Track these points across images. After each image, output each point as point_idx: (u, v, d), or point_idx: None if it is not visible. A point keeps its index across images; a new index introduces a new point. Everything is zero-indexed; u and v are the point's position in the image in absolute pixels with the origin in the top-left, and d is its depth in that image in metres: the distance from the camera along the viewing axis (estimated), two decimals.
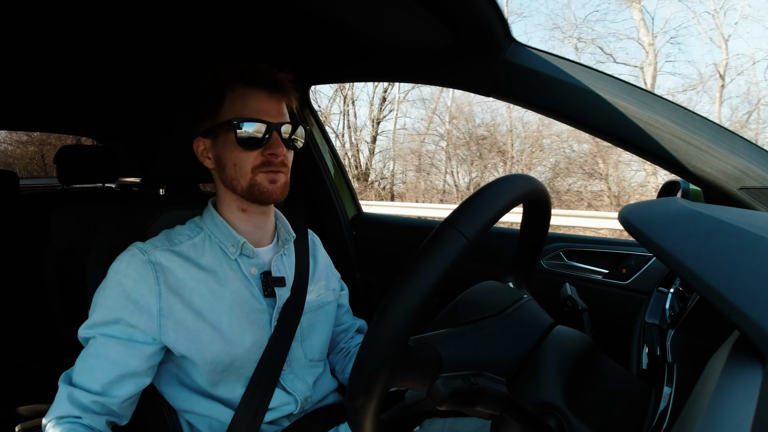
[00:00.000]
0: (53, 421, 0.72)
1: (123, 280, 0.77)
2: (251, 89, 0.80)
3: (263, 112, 0.79)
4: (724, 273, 0.34)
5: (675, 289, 0.75)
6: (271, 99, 0.81)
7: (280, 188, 0.82)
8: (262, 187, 0.80)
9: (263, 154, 0.79)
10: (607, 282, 1.07)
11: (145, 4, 0.98)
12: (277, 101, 0.81)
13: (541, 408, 0.48)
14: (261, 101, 0.80)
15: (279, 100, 0.82)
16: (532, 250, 0.67)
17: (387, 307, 0.41)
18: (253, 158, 0.79)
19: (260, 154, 0.79)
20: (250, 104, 0.79)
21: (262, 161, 0.80)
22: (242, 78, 0.80)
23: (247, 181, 0.80)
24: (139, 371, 0.76)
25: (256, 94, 0.80)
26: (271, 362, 0.82)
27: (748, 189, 0.67)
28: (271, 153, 0.79)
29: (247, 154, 0.79)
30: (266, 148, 0.79)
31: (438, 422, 0.87)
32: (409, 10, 0.79)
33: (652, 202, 0.44)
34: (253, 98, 0.80)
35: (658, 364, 0.58)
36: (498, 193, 0.47)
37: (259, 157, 0.79)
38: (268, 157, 0.80)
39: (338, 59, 1.23)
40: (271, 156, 0.80)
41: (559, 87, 0.79)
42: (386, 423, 0.50)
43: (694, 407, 0.34)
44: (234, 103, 0.80)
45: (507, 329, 0.54)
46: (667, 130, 0.72)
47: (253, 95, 0.80)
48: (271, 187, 0.81)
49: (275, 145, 0.80)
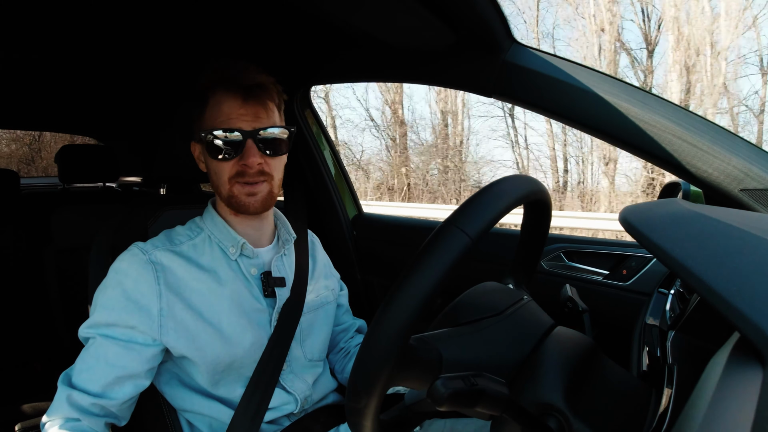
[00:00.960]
0: (52, 423, 0.71)
1: (123, 280, 0.77)
2: (227, 94, 0.77)
3: (236, 118, 0.76)
4: (724, 274, 0.34)
5: (675, 291, 0.75)
6: (246, 104, 0.77)
7: (260, 201, 0.79)
8: (239, 200, 0.79)
9: (238, 163, 0.77)
10: (608, 283, 1.07)
11: (146, 3, 0.98)
12: (253, 107, 0.77)
13: (542, 409, 0.48)
14: (235, 107, 0.76)
15: (255, 105, 0.78)
16: (533, 252, 0.67)
17: (388, 306, 0.41)
18: (229, 168, 0.78)
19: (236, 164, 0.77)
20: (224, 111, 0.77)
21: (237, 171, 0.77)
22: (220, 81, 0.77)
23: (226, 191, 0.79)
24: (138, 373, 0.76)
25: (230, 100, 0.77)
26: (271, 362, 0.82)
27: (749, 190, 0.67)
28: (245, 163, 0.77)
29: (222, 164, 0.78)
30: (241, 158, 0.77)
31: (438, 422, 0.87)
32: (409, 10, 0.79)
33: (653, 204, 0.44)
34: (227, 104, 0.77)
35: (659, 365, 0.58)
36: (500, 192, 0.47)
37: (235, 167, 0.77)
38: (242, 167, 0.77)
39: (339, 59, 1.23)
40: (245, 166, 0.77)
41: (559, 88, 0.79)
42: (386, 423, 0.50)
43: (694, 408, 0.34)
44: (213, 110, 0.78)
45: (507, 330, 0.54)
46: (668, 130, 0.72)
47: (227, 101, 0.77)
48: (248, 201, 0.79)
49: (248, 154, 0.76)
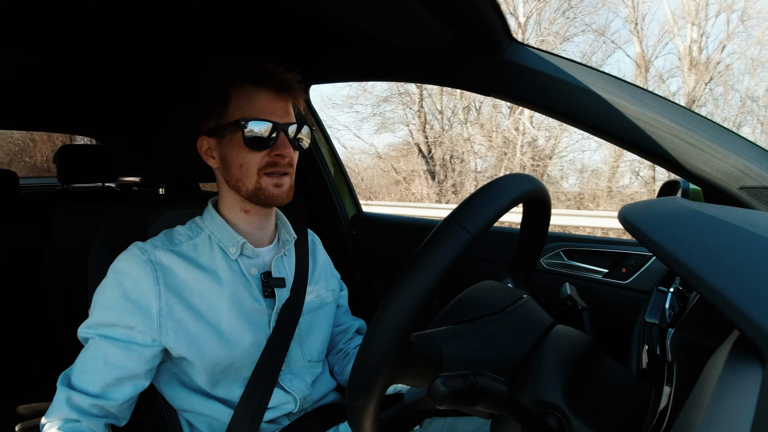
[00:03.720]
0: (51, 424, 0.71)
1: (123, 280, 0.77)
2: (258, 89, 0.79)
3: (270, 112, 0.79)
4: (723, 272, 0.34)
5: (675, 289, 0.75)
6: (278, 99, 0.80)
7: (285, 192, 0.82)
8: (267, 192, 0.80)
9: (270, 154, 0.79)
10: (607, 281, 1.07)
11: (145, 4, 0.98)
12: (284, 102, 0.81)
13: (541, 407, 0.48)
14: (268, 101, 0.79)
15: (286, 100, 0.81)
16: (532, 250, 0.67)
17: (389, 304, 0.41)
18: (260, 159, 0.79)
19: (267, 155, 0.79)
20: (257, 104, 0.78)
21: (268, 162, 0.79)
22: (249, 77, 0.79)
23: (253, 183, 0.80)
24: (137, 374, 0.76)
25: (263, 94, 0.79)
26: (270, 363, 0.82)
27: (748, 188, 0.67)
28: (277, 154, 0.79)
29: (253, 155, 0.79)
30: (273, 149, 0.79)
31: (438, 421, 0.87)
32: (409, 9, 0.79)
33: (652, 202, 0.44)
34: (260, 98, 0.79)
35: (658, 363, 0.58)
36: (501, 190, 0.47)
37: (265, 158, 0.79)
38: (274, 158, 0.79)
39: (339, 58, 1.23)
40: (278, 157, 0.79)
41: (558, 86, 0.79)
42: (386, 422, 0.50)
43: (693, 406, 0.34)
44: (241, 102, 0.79)
45: (507, 328, 0.54)
46: (667, 129, 0.72)
47: (260, 95, 0.79)
48: (276, 192, 0.81)
49: (282, 145, 0.79)
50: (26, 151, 11.55)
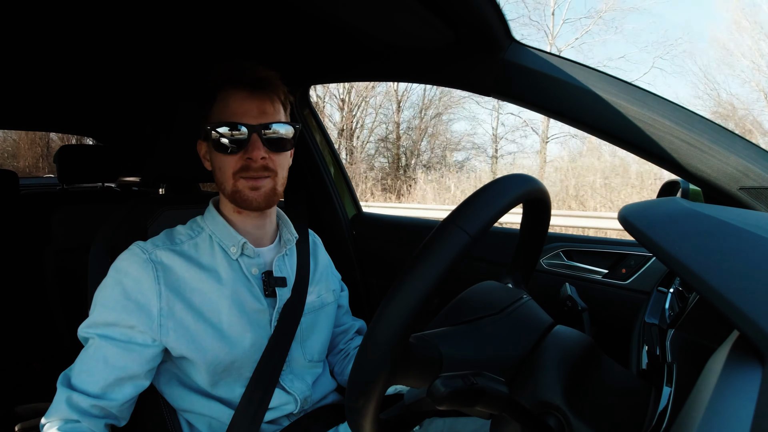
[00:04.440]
0: (51, 425, 0.71)
1: (123, 279, 0.77)
2: (234, 90, 0.78)
3: (242, 113, 0.77)
4: (723, 273, 0.34)
5: (675, 289, 0.75)
6: (252, 98, 0.78)
7: (263, 195, 0.80)
8: (243, 195, 0.79)
9: (243, 158, 0.78)
10: (607, 282, 1.08)
11: (145, 4, 0.98)
12: (259, 101, 0.79)
13: (541, 407, 0.48)
14: (241, 101, 0.78)
15: (262, 99, 0.79)
16: (532, 251, 0.67)
17: (388, 304, 0.41)
18: (234, 162, 0.78)
19: (241, 158, 0.78)
20: (231, 106, 0.78)
21: (241, 165, 0.78)
22: (227, 77, 0.79)
23: (230, 186, 0.79)
24: (138, 374, 0.76)
25: (237, 95, 0.78)
26: (271, 363, 0.82)
27: (748, 189, 0.67)
28: (249, 157, 0.77)
29: (227, 158, 0.78)
30: (245, 152, 0.78)
31: (438, 422, 0.87)
32: (408, 10, 0.79)
33: (652, 202, 0.44)
34: (234, 99, 0.78)
35: (658, 363, 0.58)
36: (500, 191, 0.47)
37: (239, 161, 0.78)
38: (246, 161, 0.78)
39: (338, 59, 1.23)
40: (249, 160, 0.78)
41: (558, 87, 0.79)
42: (386, 422, 0.50)
43: (693, 407, 0.34)
44: (219, 105, 0.79)
45: (507, 329, 0.54)
46: (667, 130, 0.72)
47: (234, 96, 0.78)
48: (252, 195, 0.79)
49: (252, 148, 0.77)
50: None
